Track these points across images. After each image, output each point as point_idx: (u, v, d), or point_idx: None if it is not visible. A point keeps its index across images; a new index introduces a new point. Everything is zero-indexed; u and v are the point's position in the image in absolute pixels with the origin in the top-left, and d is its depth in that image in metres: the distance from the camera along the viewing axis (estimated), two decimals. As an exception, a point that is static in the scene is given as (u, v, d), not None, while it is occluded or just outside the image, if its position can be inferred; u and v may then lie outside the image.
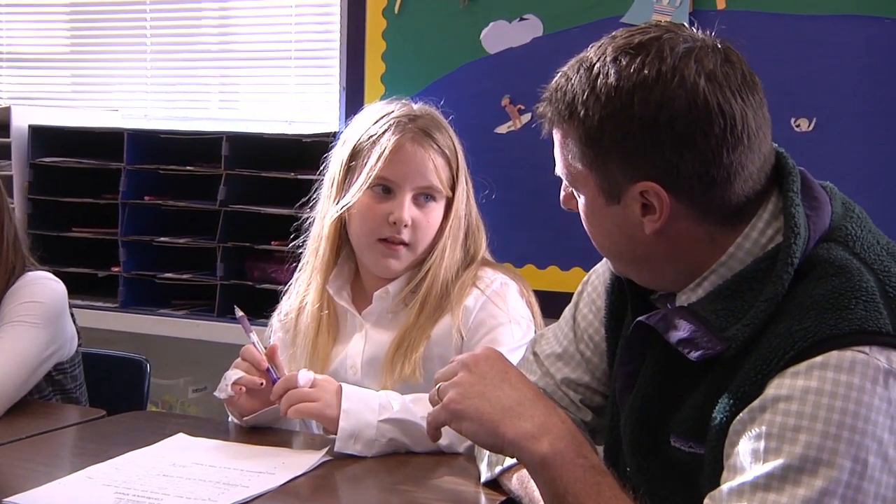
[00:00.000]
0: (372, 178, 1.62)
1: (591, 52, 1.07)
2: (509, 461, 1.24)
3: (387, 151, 1.62)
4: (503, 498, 1.25)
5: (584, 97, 1.04)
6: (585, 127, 1.04)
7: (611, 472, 1.04)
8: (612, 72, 1.02)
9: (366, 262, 1.70)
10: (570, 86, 1.06)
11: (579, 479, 1.01)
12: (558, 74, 1.09)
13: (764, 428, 0.95)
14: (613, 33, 1.07)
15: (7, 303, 1.76)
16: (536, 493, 1.15)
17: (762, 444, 0.94)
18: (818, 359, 0.94)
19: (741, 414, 0.97)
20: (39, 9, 3.29)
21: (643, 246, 1.07)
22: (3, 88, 3.37)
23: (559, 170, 1.12)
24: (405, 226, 1.63)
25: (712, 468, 1.01)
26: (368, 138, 1.65)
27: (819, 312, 0.96)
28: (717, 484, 0.98)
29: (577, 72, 1.06)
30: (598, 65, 1.04)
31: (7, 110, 2.92)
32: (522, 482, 1.21)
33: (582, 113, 1.04)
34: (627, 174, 1.04)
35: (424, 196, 1.65)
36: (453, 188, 1.68)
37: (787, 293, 1.00)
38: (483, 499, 1.28)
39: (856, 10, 2.24)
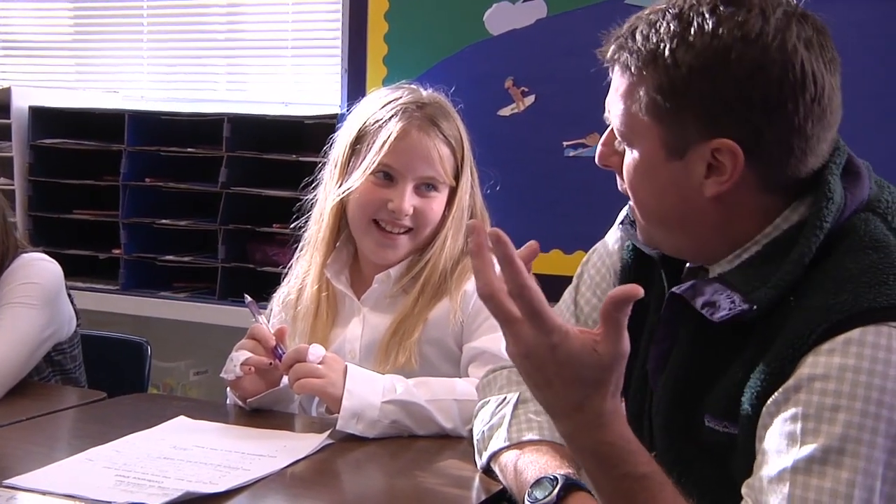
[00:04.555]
0: (375, 164, 1.61)
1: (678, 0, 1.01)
2: (493, 447, 1.23)
3: (391, 138, 1.60)
4: (503, 484, 1.24)
5: (674, 45, 0.99)
6: (669, 76, 0.99)
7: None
8: (709, 21, 0.97)
9: (363, 249, 1.69)
10: (653, 31, 1.00)
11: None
12: (634, 18, 1.04)
13: (800, 408, 0.92)
14: None
15: (3, 285, 1.75)
16: (518, 477, 1.14)
17: (799, 425, 0.92)
18: (855, 333, 0.92)
19: (775, 395, 0.95)
20: (39, -11, 3.28)
21: (695, 211, 1.03)
22: (4, 69, 3.35)
23: (613, 119, 1.06)
24: (406, 215, 1.62)
25: (744, 449, 0.98)
26: (374, 123, 1.64)
27: (855, 286, 0.94)
28: (749, 464, 0.96)
29: (664, 17, 1.00)
30: (691, 13, 0.99)
31: (7, 91, 2.91)
32: (503, 470, 1.20)
33: (669, 60, 0.99)
34: (704, 131, 0.99)
35: (426, 185, 1.64)
36: (457, 178, 1.66)
37: (821, 264, 0.97)
38: (484, 484, 1.27)
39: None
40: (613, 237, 1.26)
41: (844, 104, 1.03)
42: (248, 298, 1.60)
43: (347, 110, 1.79)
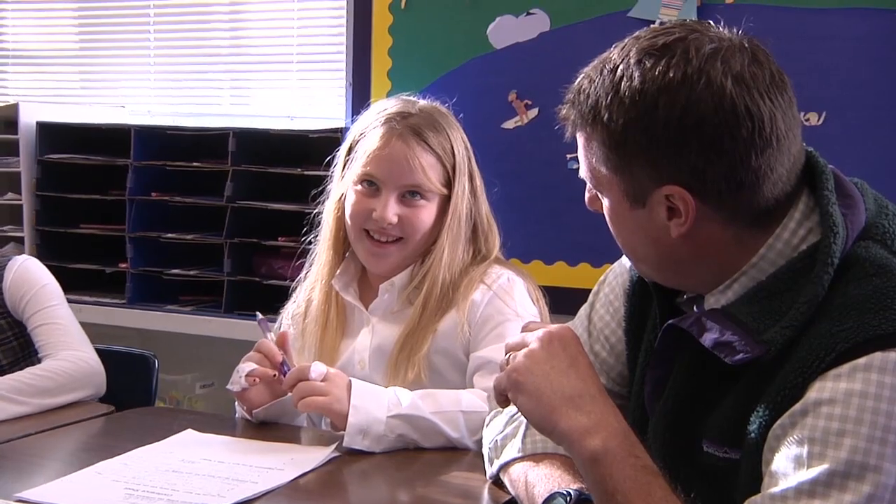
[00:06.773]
0: (357, 174, 1.64)
1: (614, 54, 1.04)
2: (506, 457, 1.23)
3: (371, 148, 1.63)
4: (511, 495, 1.25)
5: (608, 101, 1.01)
6: (609, 131, 1.02)
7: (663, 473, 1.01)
8: (636, 75, 1.00)
9: (360, 258, 1.70)
10: (593, 88, 1.03)
11: (630, 477, 0.98)
12: (581, 76, 1.07)
13: (806, 433, 0.93)
14: (637, 33, 1.05)
15: (11, 296, 1.84)
16: (529, 490, 1.14)
17: (805, 449, 0.92)
18: (861, 360, 0.92)
19: (781, 418, 0.95)
20: (47, 6, 3.29)
21: (669, 249, 1.05)
22: (11, 85, 3.37)
23: (583, 172, 1.10)
24: (389, 223, 1.63)
25: (749, 474, 0.99)
26: (360, 134, 1.67)
27: (860, 313, 0.94)
28: (753, 490, 0.96)
29: (601, 74, 1.03)
30: (621, 67, 1.01)
31: (15, 107, 2.92)
32: (513, 481, 1.20)
33: (605, 117, 1.02)
34: (652, 178, 1.02)
35: (411, 194, 1.65)
36: (450, 186, 1.67)
37: (826, 293, 0.98)
38: (492, 495, 1.27)
39: (863, 3, 2.22)
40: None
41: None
42: (260, 316, 1.61)
43: (352, 124, 1.80)
